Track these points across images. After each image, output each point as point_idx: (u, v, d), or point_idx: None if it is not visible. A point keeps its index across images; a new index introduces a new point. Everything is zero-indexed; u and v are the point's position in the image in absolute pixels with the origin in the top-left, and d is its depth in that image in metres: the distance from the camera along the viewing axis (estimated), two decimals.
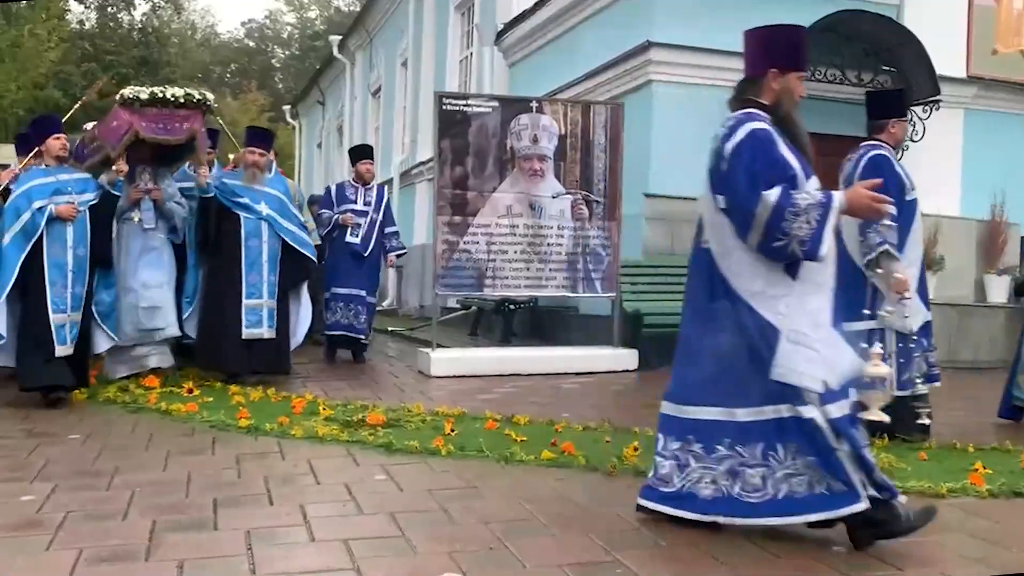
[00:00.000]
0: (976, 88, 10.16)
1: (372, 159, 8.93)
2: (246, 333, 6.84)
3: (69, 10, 31.13)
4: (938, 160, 9.84)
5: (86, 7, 34.26)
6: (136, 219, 6.81)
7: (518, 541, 3.32)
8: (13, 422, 5.52)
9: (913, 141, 9.66)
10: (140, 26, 34.35)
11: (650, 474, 3.59)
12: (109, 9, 34.31)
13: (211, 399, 6.12)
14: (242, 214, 6.97)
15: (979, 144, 10.17)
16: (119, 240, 6.74)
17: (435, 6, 16.91)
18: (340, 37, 23.90)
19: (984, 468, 4.39)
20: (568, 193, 8.25)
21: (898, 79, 9.52)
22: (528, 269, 8.18)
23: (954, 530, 3.59)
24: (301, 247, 7.19)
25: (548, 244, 8.20)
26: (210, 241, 7.03)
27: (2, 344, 6.04)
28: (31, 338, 5.99)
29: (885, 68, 9.47)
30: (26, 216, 6.02)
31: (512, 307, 10.27)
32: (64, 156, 6.35)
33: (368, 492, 3.98)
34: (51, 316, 5.94)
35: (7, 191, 6.35)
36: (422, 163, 16.04)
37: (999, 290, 9.69)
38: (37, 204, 6.04)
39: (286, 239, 7.09)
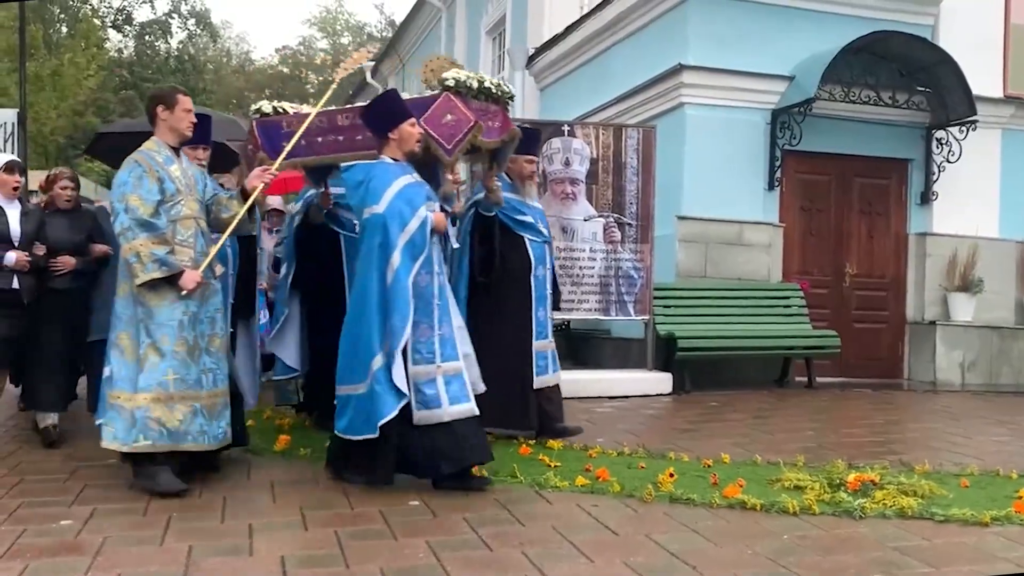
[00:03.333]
0: (1014, 108, 10.03)
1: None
2: (537, 382, 5.67)
3: (108, 39, 31.78)
4: (976, 181, 9.75)
5: (124, 36, 35.03)
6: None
7: (554, 568, 3.30)
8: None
9: (950, 162, 9.57)
10: (177, 54, 35.06)
11: None
12: (147, 38, 35.07)
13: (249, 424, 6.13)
14: (527, 236, 5.72)
15: (1017, 164, 10.03)
16: None
17: (467, 31, 17.05)
18: (373, 62, 24.15)
19: None
20: (600, 216, 8.25)
21: (934, 99, 9.45)
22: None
23: (999, 559, 3.52)
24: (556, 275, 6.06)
25: (580, 267, 8.20)
26: (496, 270, 5.66)
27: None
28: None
29: (920, 89, 9.39)
30: (414, 226, 4.36)
31: None
32: (417, 152, 4.65)
33: (402, 518, 3.97)
34: (411, 368, 4.35)
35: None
36: None
37: None
38: (422, 212, 4.42)
39: (555, 267, 5.92)
